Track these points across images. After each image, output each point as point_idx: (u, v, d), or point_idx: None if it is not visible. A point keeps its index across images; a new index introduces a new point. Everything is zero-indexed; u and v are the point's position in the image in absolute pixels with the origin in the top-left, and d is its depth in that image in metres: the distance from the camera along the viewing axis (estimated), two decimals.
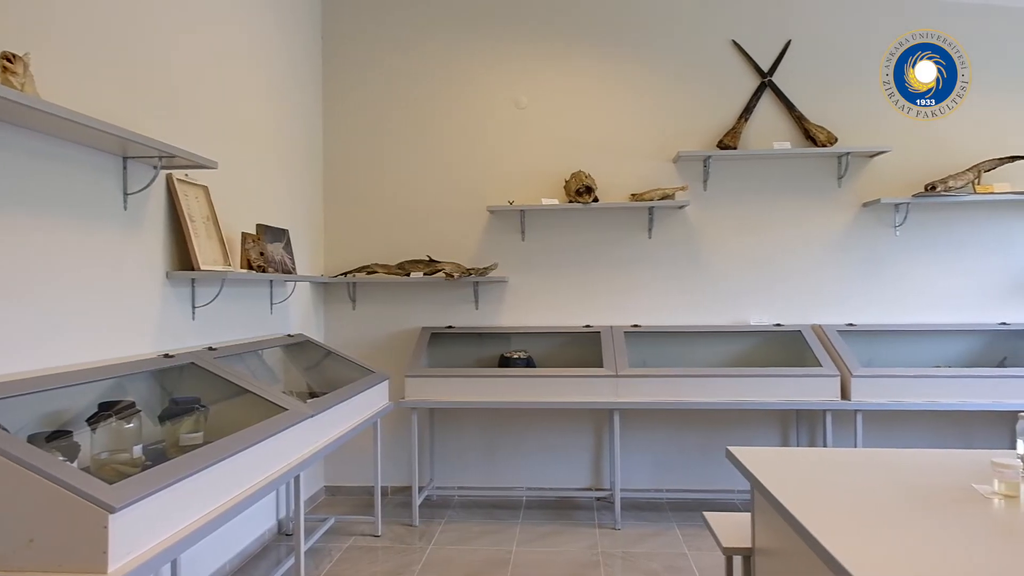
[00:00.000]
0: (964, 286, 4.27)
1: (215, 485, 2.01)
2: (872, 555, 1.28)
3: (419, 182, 4.55)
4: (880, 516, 1.51)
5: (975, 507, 1.56)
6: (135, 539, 1.62)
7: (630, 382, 3.88)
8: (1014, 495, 1.64)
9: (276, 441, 2.43)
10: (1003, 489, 1.65)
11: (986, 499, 1.62)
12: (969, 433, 4.17)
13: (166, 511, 1.76)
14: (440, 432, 4.54)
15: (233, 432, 2.25)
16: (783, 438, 4.35)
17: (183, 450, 2.21)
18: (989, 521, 1.48)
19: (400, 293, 4.56)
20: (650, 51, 4.43)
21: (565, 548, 3.64)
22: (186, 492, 1.85)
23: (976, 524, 1.46)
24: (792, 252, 4.37)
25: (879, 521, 1.48)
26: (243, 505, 2.11)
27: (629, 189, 4.38)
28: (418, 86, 4.54)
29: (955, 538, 1.38)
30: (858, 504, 1.60)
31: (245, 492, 2.16)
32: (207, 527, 1.90)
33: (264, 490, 2.26)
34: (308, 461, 2.68)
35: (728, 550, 2.18)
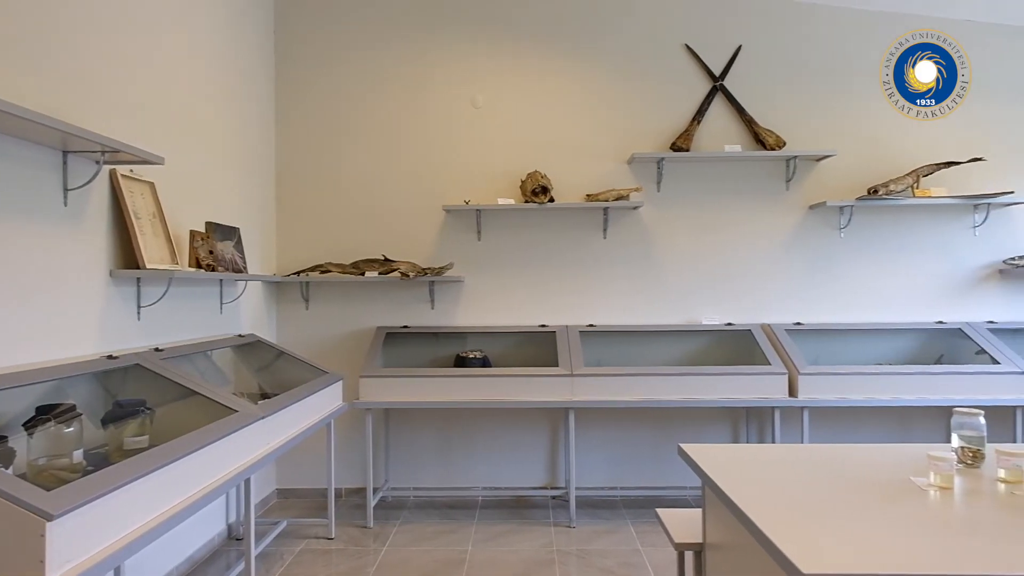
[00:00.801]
0: (904, 286, 4.44)
1: (160, 490, 1.96)
2: (815, 547, 1.32)
3: (374, 181, 4.51)
4: (824, 509, 1.56)
5: (913, 499, 1.62)
6: (75, 547, 1.57)
7: (585, 381, 3.91)
8: (948, 487, 1.71)
9: (225, 444, 2.38)
10: (938, 481, 1.72)
11: (923, 491, 1.68)
12: (908, 427, 4.34)
13: (108, 517, 1.70)
14: (395, 433, 4.50)
15: (180, 435, 2.19)
16: (734, 435, 4.45)
17: (127, 454, 2.14)
18: (925, 512, 1.54)
19: (355, 293, 4.50)
20: (605, 53, 4.48)
21: (520, 547, 3.65)
22: (129, 497, 1.80)
23: (913, 515, 1.52)
24: (743, 253, 4.47)
25: (823, 514, 1.52)
26: (190, 510, 2.06)
27: (584, 189, 4.42)
28: (373, 84, 4.50)
29: (894, 529, 1.43)
30: (803, 498, 1.64)
31: (192, 496, 2.11)
32: (152, 533, 1.85)
33: (213, 494, 2.21)
34: (259, 464, 2.63)
35: (680, 546, 2.22)
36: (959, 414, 1.94)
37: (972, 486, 1.73)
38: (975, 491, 1.70)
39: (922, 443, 2.32)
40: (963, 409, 1.95)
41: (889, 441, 4.26)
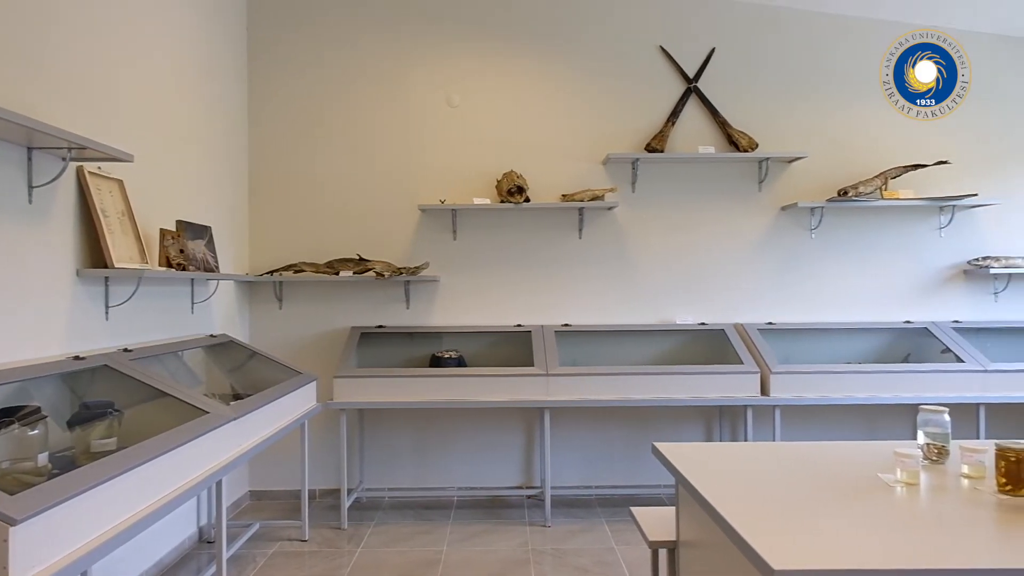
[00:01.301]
0: (873, 286, 4.52)
1: (128, 493, 1.92)
2: (785, 543, 1.34)
3: (349, 179, 4.48)
4: (794, 506, 1.58)
5: (880, 495, 1.66)
6: (39, 552, 1.53)
7: (560, 381, 3.92)
8: (914, 482, 1.74)
9: (196, 445, 2.34)
10: (905, 477, 1.75)
11: (890, 487, 1.72)
12: (877, 425, 4.42)
13: (74, 522, 1.67)
14: (370, 433, 4.48)
15: (149, 437, 2.16)
16: (707, 433, 4.50)
17: (94, 457, 2.10)
18: (892, 508, 1.57)
19: (329, 292, 4.47)
20: (581, 54, 4.50)
21: (496, 547, 3.65)
22: (96, 501, 1.76)
23: (881, 511, 1.54)
24: (716, 253, 4.52)
25: (794, 511, 1.54)
26: (160, 513, 2.02)
27: (560, 190, 4.43)
28: (348, 82, 4.47)
29: (862, 524, 1.45)
30: (775, 495, 1.66)
31: (162, 499, 2.08)
32: (120, 537, 1.82)
33: (183, 497, 2.18)
34: (230, 465, 2.60)
35: (654, 544, 2.24)
36: (925, 411, 1.98)
37: (937, 482, 1.77)
38: (940, 487, 1.73)
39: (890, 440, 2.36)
40: (929, 407, 1.99)
41: (858, 438, 4.31)
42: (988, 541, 1.37)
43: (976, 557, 1.27)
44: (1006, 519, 1.48)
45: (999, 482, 1.65)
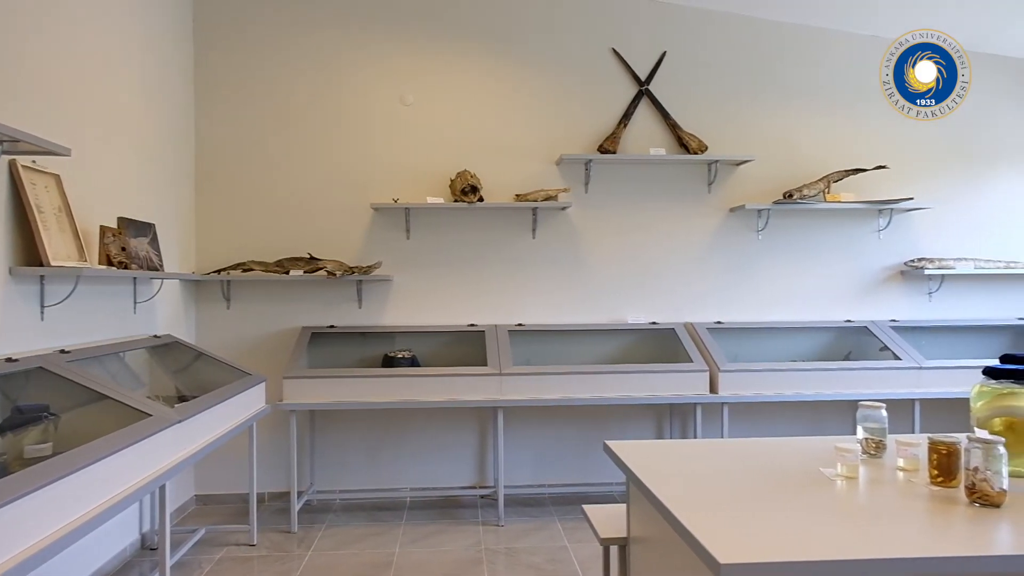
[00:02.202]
0: (816, 286, 4.66)
1: (64, 500, 1.85)
2: (732, 537, 1.37)
3: (300, 177, 4.40)
4: (739, 501, 1.62)
5: (821, 488, 1.71)
6: None
7: (514, 380, 3.93)
8: (854, 476, 1.81)
9: (137, 449, 2.27)
10: (844, 471, 1.81)
11: (831, 481, 1.77)
12: (820, 420, 4.56)
13: (5, 531, 1.60)
14: (321, 435, 4.41)
15: (88, 441, 2.08)
16: (658, 431, 4.57)
17: (27, 463, 2.01)
18: (832, 501, 1.62)
19: (279, 292, 4.38)
20: (535, 55, 4.52)
21: (449, 547, 3.64)
22: (29, 509, 1.69)
23: (821, 504, 1.59)
24: (667, 253, 4.59)
25: (740, 506, 1.58)
26: (97, 521, 1.95)
27: (514, 189, 4.44)
28: (300, 78, 4.39)
29: (803, 517, 1.50)
30: (722, 491, 1.70)
31: (100, 506, 2.00)
32: (55, 547, 1.74)
33: (123, 503, 2.10)
34: (174, 470, 2.52)
35: (605, 541, 2.26)
36: (863, 407, 2.05)
37: (875, 475, 1.84)
38: (877, 480, 1.80)
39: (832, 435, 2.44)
40: (867, 403, 2.06)
41: (802, 434, 4.46)
42: (920, 531, 1.43)
43: (909, 546, 1.32)
44: (938, 509, 1.55)
45: (931, 474, 1.72)
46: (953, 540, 1.36)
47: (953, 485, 1.68)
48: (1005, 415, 1.81)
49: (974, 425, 1.87)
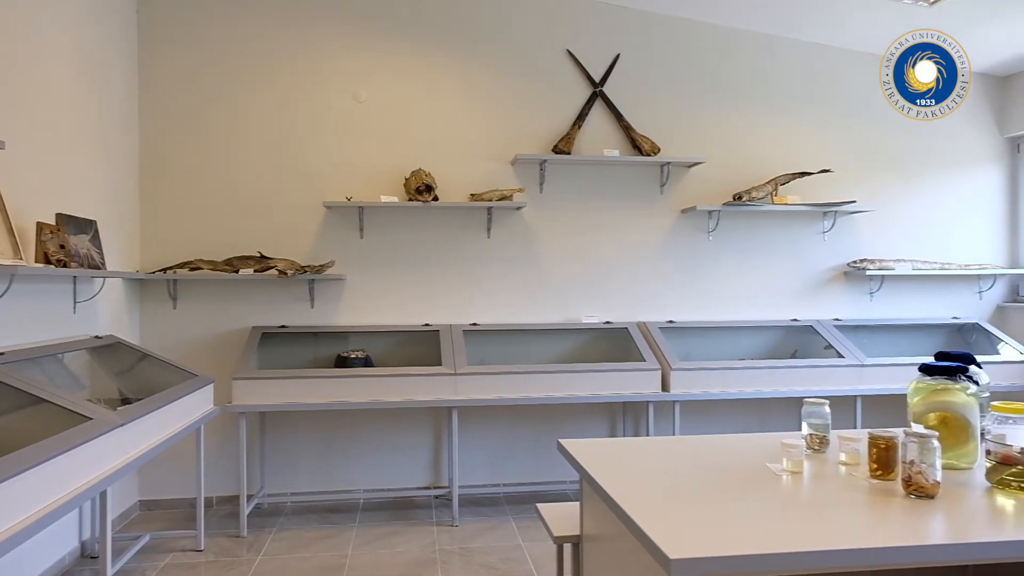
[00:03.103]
0: (764, 286, 4.78)
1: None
2: (680, 532, 1.40)
3: (250, 173, 4.30)
4: (690, 497, 1.65)
5: (768, 483, 1.76)
6: None
7: (468, 380, 3.93)
8: (799, 471, 1.86)
9: (76, 454, 2.19)
10: (790, 466, 1.86)
11: (777, 476, 1.82)
12: (768, 417, 4.68)
13: None
14: (271, 436, 4.32)
15: (22, 447, 1.99)
16: (611, 429, 4.62)
17: None
18: (778, 495, 1.67)
19: (228, 291, 4.28)
20: (490, 55, 4.51)
21: (403, 548, 3.61)
22: None
23: (768, 498, 1.64)
24: (620, 253, 4.65)
25: (689, 502, 1.61)
26: (32, 530, 1.88)
27: (469, 189, 4.43)
28: (250, 73, 4.30)
29: (750, 511, 1.54)
30: (672, 487, 1.73)
31: (36, 514, 1.93)
32: None
33: (59, 511, 2.03)
34: (116, 475, 2.44)
35: (559, 539, 2.27)
36: (808, 404, 2.11)
37: (818, 470, 1.89)
38: (821, 474, 1.85)
39: (779, 431, 2.51)
40: (812, 400, 2.12)
41: (751, 430, 4.58)
42: (860, 523, 1.48)
43: (850, 538, 1.37)
44: (876, 501, 1.60)
45: (871, 468, 1.78)
46: (890, 531, 1.42)
47: (891, 478, 1.74)
48: (939, 410, 1.89)
49: (911, 420, 1.95)
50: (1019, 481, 1.66)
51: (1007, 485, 1.67)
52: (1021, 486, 1.65)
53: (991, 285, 5.00)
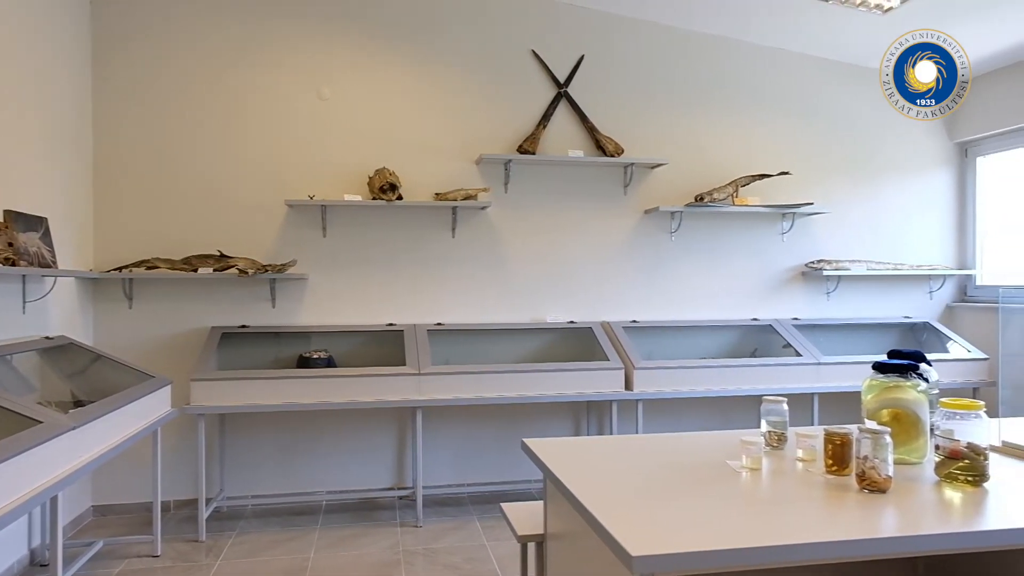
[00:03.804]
0: (725, 286, 4.86)
1: None
2: (642, 529, 1.41)
3: (209, 170, 4.22)
4: (652, 495, 1.67)
5: (727, 480, 1.79)
6: None
7: (433, 380, 3.91)
8: (757, 468, 1.89)
9: (24, 459, 2.12)
10: (749, 463, 1.90)
11: (736, 473, 1.85)
12: (729, 414, 4.76)
13: None
14: (231, 439, 4.25)
15: None
16: (575, 428, 4.65)
17: None
18: (737, 491, 1.70)
19: (186, 291, 4.19)
20: (455, 54, 4.50)
21: (366, 550, 3.58)
22: None
23: (727, 495, 1.67)
24: (584, 253, 4.68)
25: (651, 499, 1.63)
26: None
27: (433, 188, 4.42)
28: (210, 68, 4.21)
29: (709, 508, 1.56)
30: (634, 485, 1.75)
31: None
32: None
33: (8, 517, 1.96)
34: (68, 479, 2.37)
35: (523, 538, 2.28)
36: (767, 402, 2.16)
37: (776, 466, 1.93)
38: (779, 471, 1.89)
39: (740, 429, 2.55)
40: (770, 397, 2.16)
41: (712, 427, 4.65)
42: (816, 518, 1.51)
43: (806, 533, 1.40)
44: (832, 496, 1.64)
45: (827, 464, 1.82)
46: (844, 525, 1.45)
47: (846, 473, 1.79)
48: (892, 407, 1.95)
49: (864, 417, 2.00)
50: (966, 475, 1.71)
51: (955, 479, 1.73)
52: (968, 480, 1.71)
53: (941, 285, 5.16)
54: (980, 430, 1.73)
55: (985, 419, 1.75)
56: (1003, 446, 2.05)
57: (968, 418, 1.74)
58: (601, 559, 1.57)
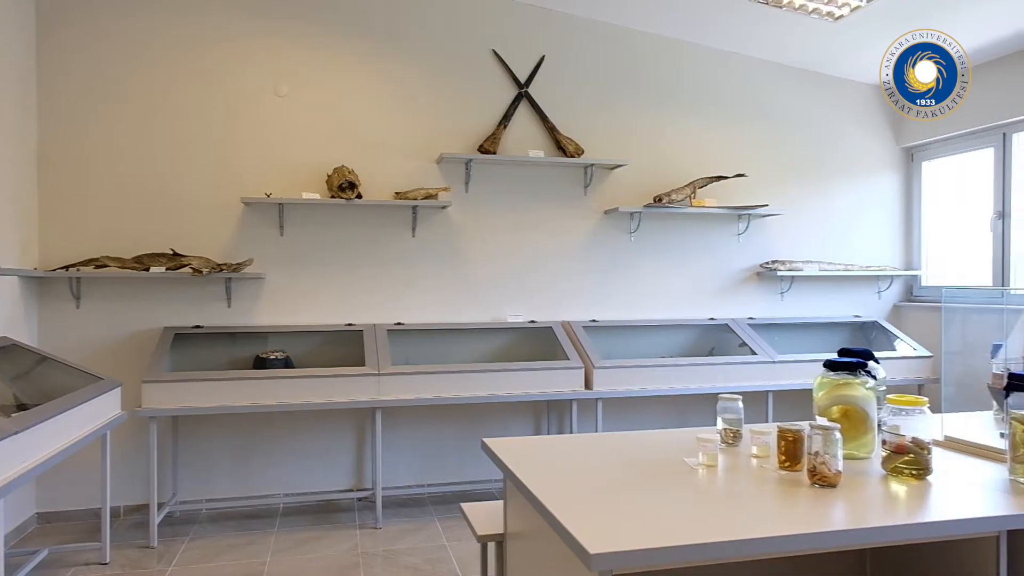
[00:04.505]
0: (683, 286, 4.94)
1: None
2: (600, 527, 1.43)
3: (162, 166, 4.11)
4: (610, 493, 1.68)
5: (684, 477, 1.82)
6: None
7: (392, 380, 3.88)
8: (713, 464, 1.93)
9: None
10: (705, 460, 1.93)
11: (693, 470, 1.89)
12: (687, 412, 4.84)
13: None
14: (185, 441, 4.15)
15: None
16: (536, 427, 4.67)
17: None
18: (693, 488, 1.73)
19: (138, 290, 4.08)
20: (416, 52, 4.48)
21: (324, 553, 3.53)
22: None
23: (684, 491, 1.69)
24: (545, 253, 4.70)
25: (609, 497, 1.65)
26: None
27: (393, 187, 4.38)
28: (164, 60, 4.10)
29: (667, 504, 1.58)
30: (593, 483, 1.76)
31: None
32: None
33: None
34: (10, 486, 2.29)
35: (482, 538, 2.28)
36: (723, 400, 2.20)
37: (732, 463, 1.97)
38: (734, 467, 1.93)
39: (697, 426, 2.60)
40: (726, 395, 2.21)
41: (670, 425, 4.72)
42: (769, 513, 1.55)
43: (760, 528, 1.43)
44: (784, 492, 1.68)
45: (780, 460, 1.87)
46: (796, 519, 1.49)
47: (798, 469, 1.84)
48: (842, 403, 2.00)
49: (816, 413, 2.05)
50: (911, 468, 1.78)
51: (900, 472, 1.79)
52: (912, 473, 1.77)
53: (888, 286, 5.33)
54: (924, 425, 1.79)
55: (929, 415, 1.82)
56: (946, 440, 2.13)
57: (913, 414, 1.80)
58: (560, 557, 1.58)
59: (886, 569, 2.04)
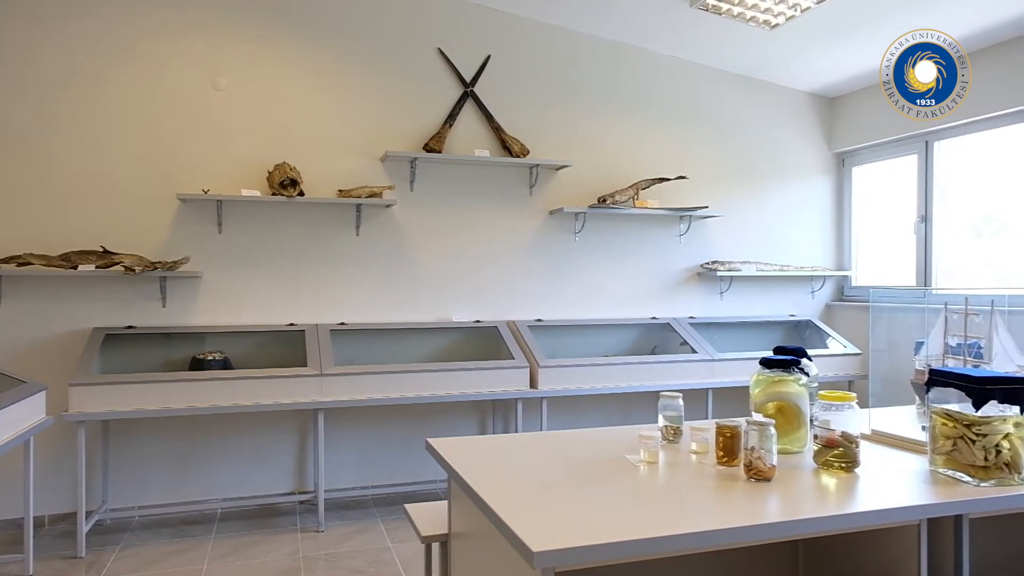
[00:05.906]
0: (626, 286, 5.02)
1: None
2: (543, 525, 1.44)
3: (91, 160, 3.94)
4: (553, 490, 1.70)
5: (626, 474, 1.85)
6: None
7: (335, 381, 3.82)
8: (655, 461, 1.97)
9: None
10: (647, 457, 1.97)
11: (635, 466, 1.92)
12: (630, 410, 4.92)
13: None
14: (116, 447, 3.99)
15: None
16: (481, 427, 4.67)
17: None
18: (635, 484, 1.76)
19: (65, 289, 3.90)
20: (360, 49, 4.42)
21: (265, 558, 3.45)
22: None
23: (625, 487, 1.72)
24: (491, 253, 4.70)
25: (552, 495, 1.66)
26: None
27: (337, 185, 4.32)
28: (93, 47, 3.93)
29: (608, 501, 1.61)
30: (536, 482, 1.78)
31: None
32: None
33: None
34: None
35: (426, 538, 2.27)
36: (664, 397, 2.24)
37: (672, 459, 2.02)
38: (674, 463, 1.97)
39: (640, 423, 2.65)
40: (667, 393, 2.25)
41: (614, 423, 4.79)
42: (707, 507, 1.59)
43: (698, 522, 1.47)
44: (722, 487, 1.73)
45: (718, 455, 1.92)
46: (732, 513, 1.54)
47: (735, 464, 1.89)
48: (776, 400, 2.07)
49: (752, 410, 2.12)
50: (840, 462, 1.85)
51: (831, 465, 1.86)
52: (842, 466, 1.85)
53: (821, 286, 5.54)
54: (853, 420, 1.87)
55: (857, 410, 1.90)
56: (872, 434, 2.23)
57: (842, 409, 1.88)
58: (503, 556, 1.58)
59: (818, 561, 2.12)
